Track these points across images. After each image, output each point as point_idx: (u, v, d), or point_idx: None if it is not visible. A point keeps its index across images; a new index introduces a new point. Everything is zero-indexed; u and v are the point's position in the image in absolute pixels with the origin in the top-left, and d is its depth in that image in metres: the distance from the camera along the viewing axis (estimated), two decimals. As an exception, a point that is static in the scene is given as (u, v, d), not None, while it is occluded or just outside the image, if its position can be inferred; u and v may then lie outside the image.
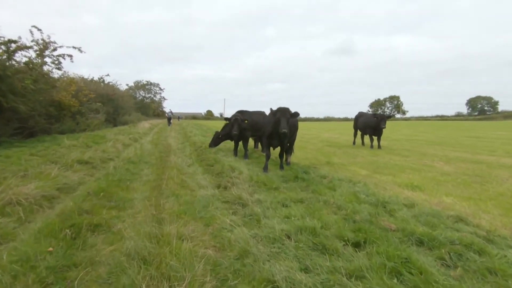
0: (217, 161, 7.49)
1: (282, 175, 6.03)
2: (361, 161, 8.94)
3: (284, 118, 6.06)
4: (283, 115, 6.10)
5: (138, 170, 6.46)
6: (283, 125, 5.99)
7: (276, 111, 6.22)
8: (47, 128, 15.46)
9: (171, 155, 8.88)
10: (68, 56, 12.86)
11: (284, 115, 6.09)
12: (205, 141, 12.67)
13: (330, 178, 5.86)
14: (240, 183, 5.01)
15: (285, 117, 6.09)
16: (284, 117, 6.08)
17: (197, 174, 6.28)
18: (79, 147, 9.13)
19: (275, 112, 6.25)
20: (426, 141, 16.16)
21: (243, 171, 6.03)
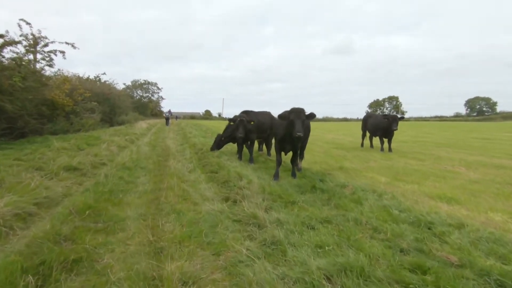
0: (221, 167, 6.77)
1: (296, 184, 5.33)
2: (375, 165, 8.27)
3: (299, 120, 5.37)
4: (298, 116, 5.40)
5: (133, 178, 5.74)
6: (298, 128, 5.30)
7: (290, 112, 5.53)
8: (39, 129, 14.67)
9: (170, 159, 8.15)
10: (60, 53, 12.11)
11: (299, 117, 5.40)
12: (206, 143, 11.95)
13: (350, 187, 5.17)
14: (251, 196, 4.30)
15: (300, 118, 5.40)
16: (299, 119, 5.39)
17: (200, 183, 5.57)
18: (69, 150, 8.38)
19: (288, 113, 5.55)
20: (435, 143, 15.54)
21: (253, 180, 5.32)
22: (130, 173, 6.09)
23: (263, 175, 6.25)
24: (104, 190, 4.50)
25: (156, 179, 5.74)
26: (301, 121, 5.42)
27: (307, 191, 4.93)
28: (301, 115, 5.47)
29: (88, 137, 12.50)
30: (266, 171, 6.93)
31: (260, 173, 6.46)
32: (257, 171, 6.75)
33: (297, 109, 5.53)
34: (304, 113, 5.56)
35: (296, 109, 5.55)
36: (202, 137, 15.15)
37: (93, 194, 4.34)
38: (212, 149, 9.36)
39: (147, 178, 5.85)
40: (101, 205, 3.83)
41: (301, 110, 5.55)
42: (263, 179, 5.60)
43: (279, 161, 6.16)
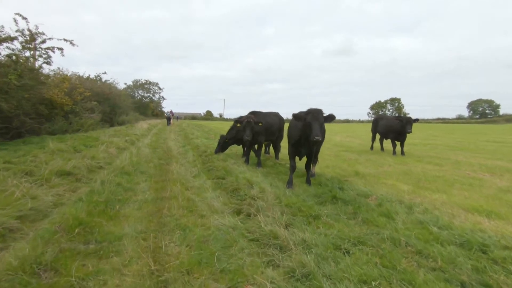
0: (228, 172, 6.24)
1: (314, 193, 4.79)
2: (392, 170, 7.73)
3: (316, 123, 4.84)
4: (316, 118, 4.87)
5: (132, 184, 5.20)
6: (316, 132, 4.76)
7: (307, 113, 4.99)
8: (36, 129, 14.19)
9: (173, 162, 7.63)
10: (58, 49, 11.58)
11: (316, 118, 4.86)
12: (209, 145, 11.43)
13: (374, 197, 4.63)
14: (266, 208, 3.76)
15: (318, 120, 4.86)
16: (317, 121, 4.85)
17: (206, 190, 5.03)
18: (65, 152, 7.86)
19: (304, 114, 5.02)
20: (446, 146, 14.97)
21: (265, 188, 4.78)
22: (129, 178, 5.55)
23: (275, 181, 5.71)
24: (99, 200, 3.96)
25: (158, 186, 5.20)
26: (319, 124, 4.89)
27: (327, 201, 4.38)
28: (319, 116, 4.93)
29: (86, 138, 11.97)
30: (277, 177, 6.39)
31: (271, 180, 5.91)
32: (267, 177, 6.21)
33: (314, 110, 5.00)
34: (322, 114, 5.03)
35: (313, 110, 5.01)
36: (204, 139, 14.63)
37: (86, 205, 3.80)
38: (216, 152, 8.84)
39: (147, 185, 5.31)
40: (94, 220, 3.29)
41: (319, 111, 5.01)
42: (276, 187, 5.05)
43: (293, 166, 5.61)
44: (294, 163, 5.67)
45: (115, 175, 5.63)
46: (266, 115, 8.00)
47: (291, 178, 5.51)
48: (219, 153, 8.82)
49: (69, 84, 17.29)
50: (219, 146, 8.85)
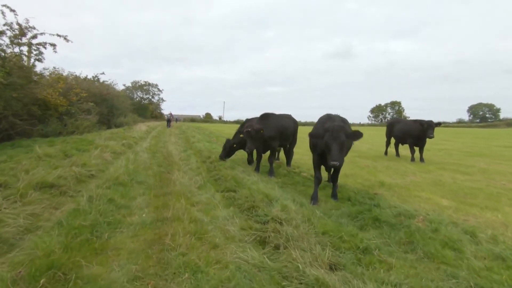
0: (239, 183, 5.39)
1: (348, 213, 3.93)
2: (420, 181, 6.90)
3: (335, 144, 4.03)
4: (334, 138, 4.04)
5: (127, 199, 4.33)
6: (335, 156, 4.00)
7: (325, 130, 4.20)
8: (28, 130, 13.35)
9: (174, 170, 6.77)
10: (50, 45, 10.72)
11: (335, 138, 4.03)
12: (212, 149, 10.58)
13: (422, 218, 3.79)
14: (298, 237, 2.92)
15: (337, 141, 4.04)
16: (336, 141, 4.04)
17: (216, 207, 4.18)
18: (53, 157, 6.99)
19: (322, 131, 4.24)
20: (461, 151, 14.17)
21: (288, 205, 3.93)
22: (124, 191, 4.69)
23: (295, 195, 4.86)
24: (82, 224, 3.09)
25: (158, 202, 4.34)
26: (339, 144, 4.04)
27: (368, 224, 3.54)
28: (339, 135, 4.05)
29: (80, 141, 11.11)
30: (295, 189, 5.55)
31: (291, 192, 5.07)
32: (284, 189, 5.37)
33: (334, 127, 4.10)
34: (343, 131, 4.14)
35: (332, 127, 4.12)
36: (206, 142, 13.79)
37: (65, 231, 2.94)
38: (221, 158, 7.98)
39: (145, 200, 4.45)
40: (73, 257, 2.43)
41: (339, 128, 4.11)
42: (300, 204, 4.20)
43: (318, 178, 4.76)
44: (319, 174, 4.82)
45: (108, 187, 4.77)
46: (279, 117, 7.17)
47: (316, 192, 4.66)
48: (225, 160, 7.98)
49: (64, 84, 16.45)
50: (224, 151, 8.01)
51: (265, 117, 7.03)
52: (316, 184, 4.74)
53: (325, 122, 4.65)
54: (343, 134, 4.11)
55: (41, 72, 13.87)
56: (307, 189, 5.49)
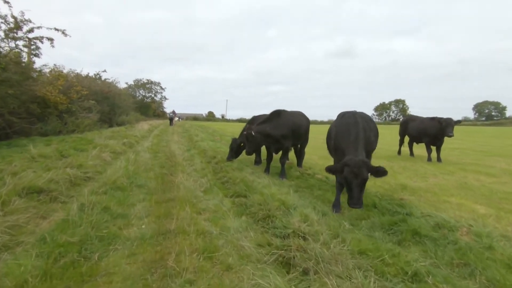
0: (249, 187, 4.87)
1: (380, 224, 3.39)
2: (444, 183, 6.34)
3: (356, 182, 3.47)
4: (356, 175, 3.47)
5: (125, 207, 3.82)
6: (354, 198, 3.46)
7: (344, 165, 3.61)
8: (27, 129, 12.93)
9: (177, 172, 6.26)
10: (47, 40, 10.23)
11: (357, 175, 3.47)
12: (217, 149, 10.06)
13: (466, 231, 3.25)
14: (330, 258, 2.39)
15: (358, 179, 3.48)
16: (357, 180, 3.48)
17: (225, 216, 3.66)
18: (48, 158, 6.51)
19: (340, 167, 3.65)
20: (474, 150, 13.54)
21: (309, 214, 3.40)
22: (122, 196, 4.18)
23: (313, 201, 4.32)
24: (69, 241, 2.58)
25: (160, 210, 3.82)
26: (360, 183, 3.49)
27: (407, 239, 2.99)
28: (361, 172, 3.46)
29: (79, 140, 10.64)
30: (311, 193, 5.02)
31: (308, 198, 4.54)
32: (300, 194, 4.84)
33: (355, 163, 3.50)
34: (367, 168, 3.55)
35: (353, 162, 3.52)
36: (210, 141, 13.28)
37: (48, 250, 2.43)
38: (229, 159, 7.46)
39: (146, 207, 3.94)
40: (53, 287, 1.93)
41: (362, 164, 3.51)
42: (323, 213, 3.67)
43: (340, 184, 4.20)
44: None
45: (104, 192, 4.26)
46: (292, 114, 6.62)
47: (339, 199, 4.12)
48: (232, 160, 7.47)
49: (64, 81, 15.98)
50: (232, 151, 7.47)
51: (276, 114, 6.48)
52: (338, 190, 4.19)
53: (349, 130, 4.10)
54: (366, 171, 3.52)
55: (40, 68, 13.38)
56: (324, 193, 4.95)
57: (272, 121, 6.31)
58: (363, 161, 3.56)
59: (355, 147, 3.80)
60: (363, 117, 4.50)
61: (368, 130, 4.23)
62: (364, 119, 4.42)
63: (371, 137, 4.28)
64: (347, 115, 4.50)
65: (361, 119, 4.26)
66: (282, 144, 6.20)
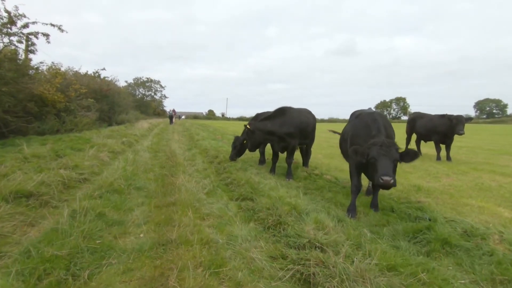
0: (256, 189, 4.55)
1: (403, 232, 3.06)
2: (459, 184, 6.02)
3: (386, 160, 3.21)
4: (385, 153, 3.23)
5: (121, 213, 3.50)
6: (384, 172, 3.12)
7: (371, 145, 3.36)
8: (23, 128, 12.61)
9: (178, 173, 5.93)
10: (43, 35, 9.88)
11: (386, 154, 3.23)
12: (219, 148, 9.74)
13: (498, 239, 2.94)
14: (356, 276, 2.07)
15: (388, 157, 3.23)
16: (387, 158, 3.22)
17: (232, 222, 3.35)
18: (43, 158, 6.20)
19: (367, 149, 3.39)
20: (482, 148, 13.22)
21: (323, 220, 3.08)
22: (119, 200, 3.86)
23: (325, 204, 4.00)
24: (56, 255, 2.26)
25: (160, 215, 3.51)
26: (390, 161, 3.21)
27: (437, 250, 2.67)
28: (391, 151, 3.23)
29: (77, 139, 10.33)
30: (321, 195, 4.69)
31: (319, 201, 4.22)
32: (310, 197, 4.52)
33: (383, 142, 3.29)
34: (395, 148, 3.31)
35: (380, 141, 3.31)
36: (212, 140, 12.95)
37: (31, 266, 2.11)
38: (232, 158, 7.12)
39: (144, 212, 3.62)
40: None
41: (389, 143, 3.30)
42: (338, 218, 3.35)
43: (357, 187, 3.86)
44: (358, 181, 3.91)
45: (99, 195, 3.94)
46: (299, 112, 6.29)
47: (355, 203, 3.80)
48: (235, 159, 7.14)
49: (62, 79, 15.63)
50: (235, 150, 7.13)
51: (281, 112, 6.15)
52: (354, 193, 3.86)
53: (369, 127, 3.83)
54: (396, 152, 3.28)
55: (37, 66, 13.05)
56: (335, 195, 4.63)
57: (275, 118, 5.99)
58: (390, 141, 3.32)
59: (378, 135, 3.55)
60: (381, 115, 4.17)
61: (388, 128, 3.93)
62: (382, 116, 4.11)
63: (392, 135, 3.96)
64: (364, 114, 4.19)
65: (379, 116, 3.96)
66: (288, 142, 5.88)
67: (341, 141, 4.81)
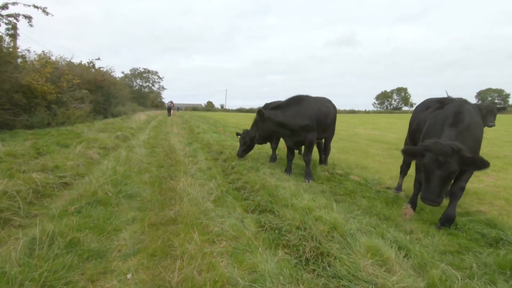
0: (275, 196, 3.67)
1: (497, 266, 2.21)
2: (502, 183, 5.20)
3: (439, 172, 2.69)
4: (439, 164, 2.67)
5: (103, 238, 2.60)
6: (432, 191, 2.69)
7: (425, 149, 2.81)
8: (10, 121, 11.71)
9: (179, 173, 5.04)
10: (25, 18, 8.84)
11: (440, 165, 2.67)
12: (222, 142, 8.83)
13: None
14: None
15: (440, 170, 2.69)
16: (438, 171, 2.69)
17: (252, 248, 2.48)
18: (20, 157, 5.30)
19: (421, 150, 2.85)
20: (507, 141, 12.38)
21: (381, 249, 2.23)
22: (102, 216, 2.97)
23: (367, 219, 3.13)
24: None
25: (155, 240, 2.62)
26: (445, 175, 2.66)
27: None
28: (448, 162, 2.63)
29: (67, 133, 9.41)
30: (356, 204, 3.82)
31: (356, 212, 3.35)
32: (341, 205, 3.65)
33: (439, 147, 2.67)
34: (458, 157, 2.65)
35: (439, 146, 2.68)
36: (213, 133, 12.03)
37: None
38: (240, 154, 6.23)
39: (135, 235, 2.74)
40: None
41: (450, 150, 2.63)
42: (396, 242, 2.48)
43: (416, 195, 3.02)
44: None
45: (77, 210, 3.06)
46: (317, 101, 5.37)
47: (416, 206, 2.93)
48: (243, 156, 6.26)
49: (51, 68, 14.56)
50: (244, 145, 6.20)
51: (296, 100, 5.22)
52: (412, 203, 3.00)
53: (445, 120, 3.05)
54: (454, 161, 2.63)
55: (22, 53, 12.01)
56: (372, 204, 3.77)
57: (289, 107, 5.07)
58: (453, 147, 2.62)
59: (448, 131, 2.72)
60: (467, 110, 3.22)
61: (468, 127, 3.08)
62: (468, 111, 3.19)
63: (470, 136, 3.09)
64: (450, 103, 3.36)
65: (461, 110, 3.11)
66: (305, 137, 4.98)
67: (415, 131, 3.95)
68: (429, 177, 2.72)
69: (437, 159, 2.65)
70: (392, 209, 3.56)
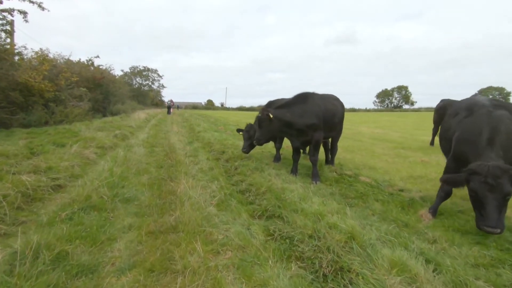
0: (283, 200, 3.41)
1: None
2: None
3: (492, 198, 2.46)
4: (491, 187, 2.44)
5: (95, 250, 2.33)
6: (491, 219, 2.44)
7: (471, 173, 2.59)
8: (6, 120, 11.48)
9: (179, 174, 4.78)
10: (20, 13, 8.56)
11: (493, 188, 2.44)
12: (224, 141, 8.57)
13: None
14: None
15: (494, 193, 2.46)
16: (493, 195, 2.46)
17: (262, 261, 2.23)
18: (12, 157, 5.04)
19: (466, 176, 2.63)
20: None
21: (407, 263, 1.98)
22: (96, 224, 2.72)
23: (385, 226, 2.87)
24: None
25: (154, 251, 2.37)
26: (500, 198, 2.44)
27: None
28: (500, 183, 2.41)
29: (64, 132, 9.15)
30: (368, 207, 3.57)
31: (371, 218, 3.10)
32: (354, 209, 3.40)
33: (488, 170, 2.45)
34: (508, 177, 2.43)
35: (485, 168, 2.47)
36: (214, 132, 11.77)
37: None
38: (245, 149, 5.89)
39: (132, 246, 2.48)
40: None
41: (498, 171, 2.43)
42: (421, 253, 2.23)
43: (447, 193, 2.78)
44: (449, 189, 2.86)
45: (69, 216, 2.80)
46: (324, 99, 5.10)
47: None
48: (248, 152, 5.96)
49: (49, 66, 14.28)
50: (249, 141, 5.84)
51: (302, 98, 4.96)
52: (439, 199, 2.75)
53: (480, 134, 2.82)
54: (507, 182, 2.42)
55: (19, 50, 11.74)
56: (387, 208, 3.51)
57: (295, 106, 4.80)
58: (500, 168, 2.40)
59: (486, 151, 2.45)
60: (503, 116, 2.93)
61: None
62: (505, 119, 2.91)
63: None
64: (480, 111, 3.08)
65: (500, 118, 2.85)
66: (312, 136, 4.72)
67: (442, 136, 3.75)
68: (483, 203, 2.46)
69: (487, 182, 2.43)
70: (409, 214, 3.30)
